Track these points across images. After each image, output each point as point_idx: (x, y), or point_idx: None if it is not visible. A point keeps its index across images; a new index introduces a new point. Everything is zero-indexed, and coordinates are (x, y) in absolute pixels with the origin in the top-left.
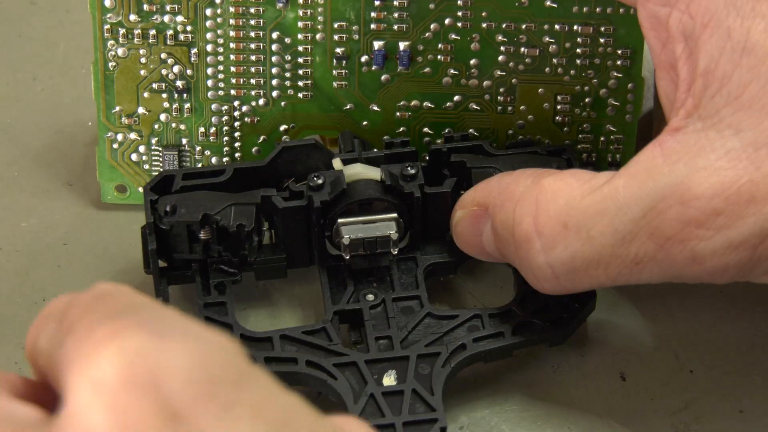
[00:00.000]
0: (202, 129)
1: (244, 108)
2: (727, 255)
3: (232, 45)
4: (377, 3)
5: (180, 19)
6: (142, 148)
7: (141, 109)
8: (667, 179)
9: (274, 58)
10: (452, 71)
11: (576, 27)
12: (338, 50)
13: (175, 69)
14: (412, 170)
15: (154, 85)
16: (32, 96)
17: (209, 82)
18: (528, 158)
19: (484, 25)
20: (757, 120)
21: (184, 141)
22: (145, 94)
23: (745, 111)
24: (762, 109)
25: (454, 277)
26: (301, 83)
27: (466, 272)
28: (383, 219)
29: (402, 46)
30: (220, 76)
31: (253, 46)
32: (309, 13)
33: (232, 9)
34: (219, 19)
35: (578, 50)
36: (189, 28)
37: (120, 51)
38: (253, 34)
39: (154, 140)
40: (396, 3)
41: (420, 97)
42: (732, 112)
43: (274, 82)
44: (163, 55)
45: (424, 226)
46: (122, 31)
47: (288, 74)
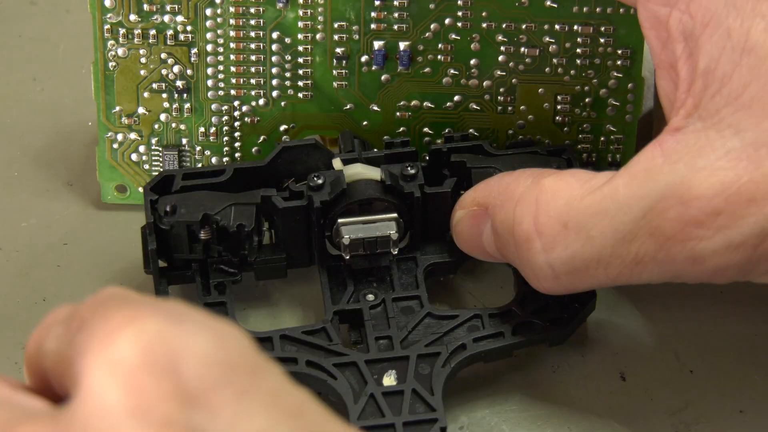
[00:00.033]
0: (202, 129)
1: (244, 108)
2: (727, 255)
3: (232, 45)
4: (377, 3)
5: (180, 19)
6: (142, 148)
7: (141, 109)
8: (667, 179)
9: (274, 58)
10: (452, 71)
11: (576, 27)
12: (338, 50)
13: (175, 69)
14: (412, 170)
15: (154, 85)
16: (32, 96)
17: (209, 82)
18: (528, 158)
19: (484, 25)
20: (758, 120)
21: (184, 141)
22: (145, 94)
23: (745, 111)
24: (762, 108)
25: (454, 277)
26: (301, 83)
27: (466, 272)
28: (383, 219)
29: (402, 46)
30: (220, 76)
31: (253, 46)
32: (309, 13)
33: (232, 9)
34: (219, 19)
35: (578, 50)
36: (189, 28)
37: (120, 51)
38: (253, 34)
39: (154, 140)
40: (396, 3)
41: (420, 97)
42: (732, 112)
43: (274, 82)
44: (163, 55)
45: (424, 226)
46: (122, 31)
47: (288, 74)
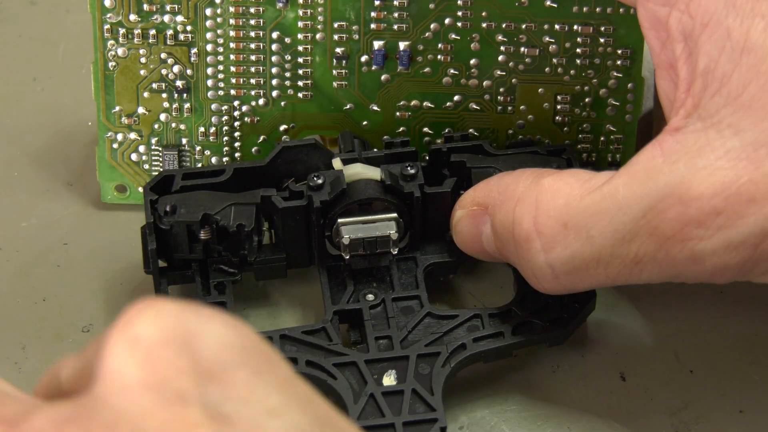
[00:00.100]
0: (202, 129)
1: (244, 108)
2: (727, 255)
3: (232, 45)
4: (377, 3)
5: (180, 19)
6: (142, 148)
7: (141, 109)
8: (666, 179)
9: (274, 58)
10: (452, 71)
11: (576, 27)
12: (338, 50)
13: (175, 69)
14: (412, 170)
15: (154, 85)
16: (32, 96)
17: (209, 82)
18: (528, 158)
19: (484, 25)
20: (757, 119)
21: (184, 141)
22: (145, 94)
23: (745, 111)
24: (762, 108)
25: (454, 277)
26: (301, 83)
27: (466, 272)
28: (383, 219)
29: (402, 46)
30: (220, 76)
31: (253, 46)
32: (309, 13)
33: (232, 9)
34: (219, 19)
35: (578, 50)
36: (189, 28)
37: (120, 51)
38: (253, 34)
39: (154, 140)
40: (396, 3)
41: (420, 97)
42: (732, 112)
43: (274, 82)
44: (163, 55)
45: (424, 226)
46: (122, 31)
47: (288, 74)
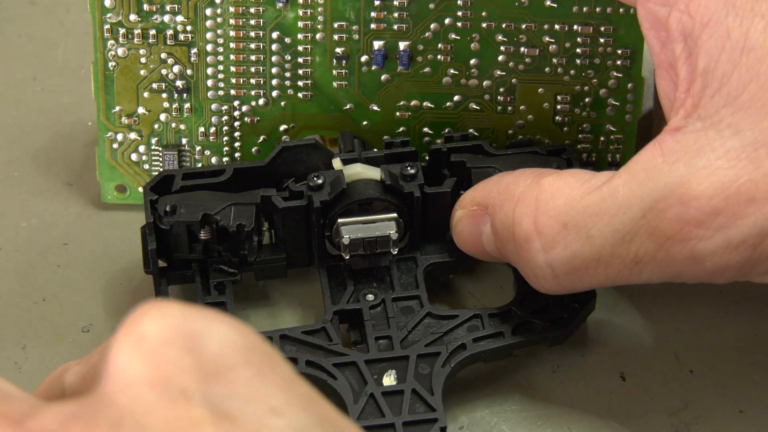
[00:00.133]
0: (202, 129)
1: (244, 108)
2: (727, 254)
3: (232, 45)
4: (377, 3)
5: (180, 19)
6: (142, 148)
7: (141, 109)
8: (666, 179)
9: (274, 58)
10: (452, 71)
11: (576, 27)
12: (338, 50)
13: (175, 69)
14: (412, 170)
15: (154, 85)
16: (32, 96)
17: (209, 82)
18: (528, 158)
19: (484, 25)
20: (757, 119)
21: (184, 141)
22: (145, 94)
23: (745, 111)
24: (761, 108)
25: (454, 277)
26: (301, 83)
27: (466, 272)
28: (383, 219)
29: (402, 46)
30: (220, 76)
31: (253, 46)
32: (309, 13)
33: (232, 9)
34: (219, 19)
35: (578, 50)
36: (189, 28)
37: (120, 51)
38: (253, 34)
39: (154, 140)
40: (396, 3)
41: (420, 97)
42: (731, 112)
43: (274, 82)
44: (163, 55)
45: (424, 226)
46: (122, 31)
47: (288, 74)
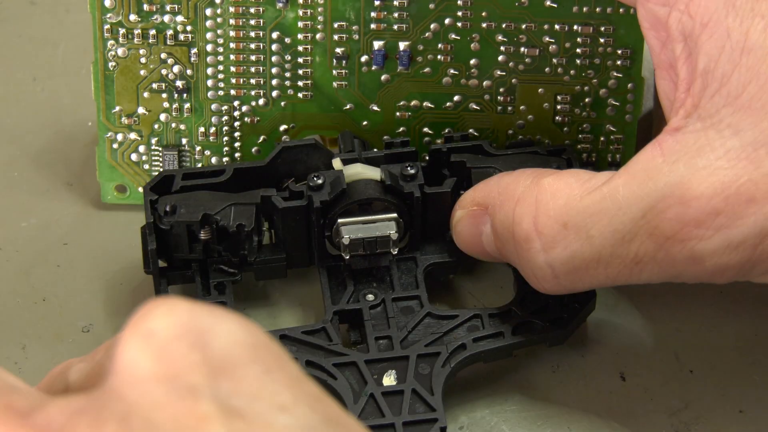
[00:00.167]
0: (202, 129)
1: (244, 108)
2: (727, 255)
3: (232, 45)
4: (377, 3)
5: (180, 19)
6: (142, 148)
7: (141, 109)
8: (666, 179)
9: (274, 58)
10: (452, 71)
11: (576, 27)
12: (338, 50)
13: (175, 69)
14: (412, 170)
15: (154, 85)
16: (32, 96)
17: (209, 82)
18: (528, 158)
19: (484, 25)
20: (757, 119)
21: (184, 141)
22: (145, 94)
23: (745, 111)
24: (761, 108)
25: (454, 277)
26: (301, 83)
27: (466, 272)
28: (383, 219)
29: (402, 46)
30: (220, 76)
31: (253, 46)
32: (309, 13)
33: (232, 9)
34: (219, 19)
35: (578, 50)
36: (189, 28)
37: (120, 51)
38: (253, 34)
39: (154, 140)
40: (396, 3)
41: (420, 97)
42: (731, 112)
43: (274, 82)
44: (163, 55)
45: (424, 226)
46: (122, 31)
47: (288, 74)
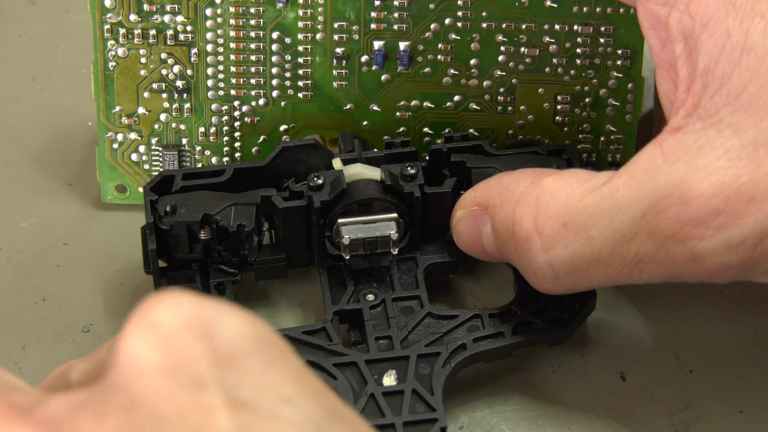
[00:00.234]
0: (202, 129)
1: (244, 108)
2: (727, 254)
3: (232, 45)
4: (377, 3)
5: (180, 19)
6: (142, 148)
7: (141, 109)
8: (666, 179)
9: (274, 58)
10: (452, 71)
11: (576, 27)
12: (338, 50)
13: (175, 69)
14: (412, 170)
15: (154, 85)
16: (32, 96)
17: (209, 82)
18: (528, 158)
19: (484, 25)
20: (757, 119)
21: (184, 141)
22: (145, 94)
23: (745, 110)
24: (761, 108)
25: (454, 277)
26: (301, 83)
27: (466, 272)
28: (383, 219)
29: (402, 46)
30: (220, 76)
31: (253, 46)
32: (309, 13)
33: (232, 9)
34: (219, 19)
35: (578, 50)
36: (189, 28)
37: (120, 51)
38: (253, 34)
39: (154, 140)
40: (396, 3)
41: (420, 97)
42: (731, 112)
43: (274, 82)
44: (163, 55)
45: (424, 226)
46: (122, 31)
47: (288, 74)
